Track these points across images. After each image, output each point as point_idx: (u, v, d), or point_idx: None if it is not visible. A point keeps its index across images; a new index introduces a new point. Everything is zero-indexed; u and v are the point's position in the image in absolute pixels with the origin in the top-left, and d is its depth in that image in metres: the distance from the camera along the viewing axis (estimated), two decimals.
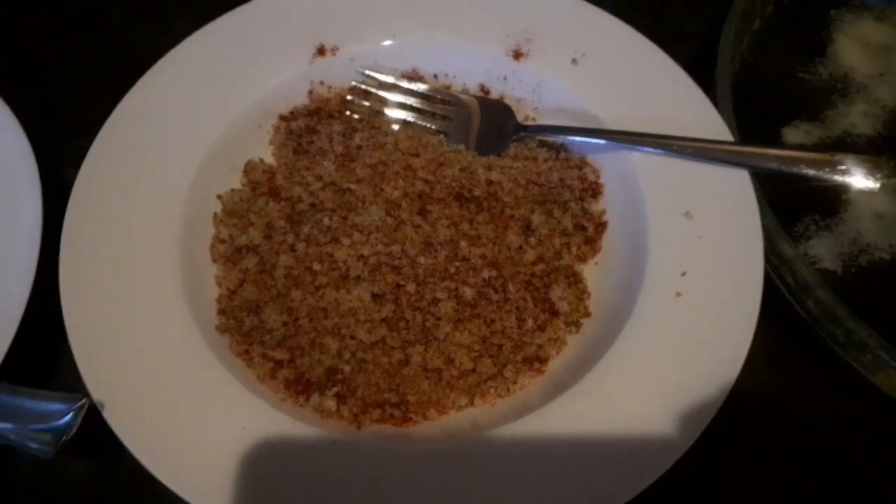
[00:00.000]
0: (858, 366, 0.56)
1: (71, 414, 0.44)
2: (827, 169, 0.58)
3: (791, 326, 0.59)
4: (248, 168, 0.63)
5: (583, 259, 0.61)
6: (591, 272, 0.61)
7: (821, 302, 0.56)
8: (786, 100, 0.72)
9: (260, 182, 0.62)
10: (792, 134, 0.70)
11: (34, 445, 0.44)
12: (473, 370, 0.55)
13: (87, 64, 0.76)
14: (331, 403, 0.52)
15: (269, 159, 0.65)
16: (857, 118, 0.71)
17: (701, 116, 0.61)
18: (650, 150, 0.60)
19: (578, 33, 0.65)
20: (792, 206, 0.64)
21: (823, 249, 0.63)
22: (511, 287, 0.57)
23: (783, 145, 0.66)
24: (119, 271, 0.54)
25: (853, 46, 0.76)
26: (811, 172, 0.58)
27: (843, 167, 0.59)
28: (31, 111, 0.62)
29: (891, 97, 0.73)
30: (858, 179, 0.59)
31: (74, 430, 0.44)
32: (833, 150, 0.68)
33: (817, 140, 0.70)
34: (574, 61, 0.65)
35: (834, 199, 0.65)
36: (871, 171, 0.60)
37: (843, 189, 0.63)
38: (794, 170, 0.58)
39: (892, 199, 0.66)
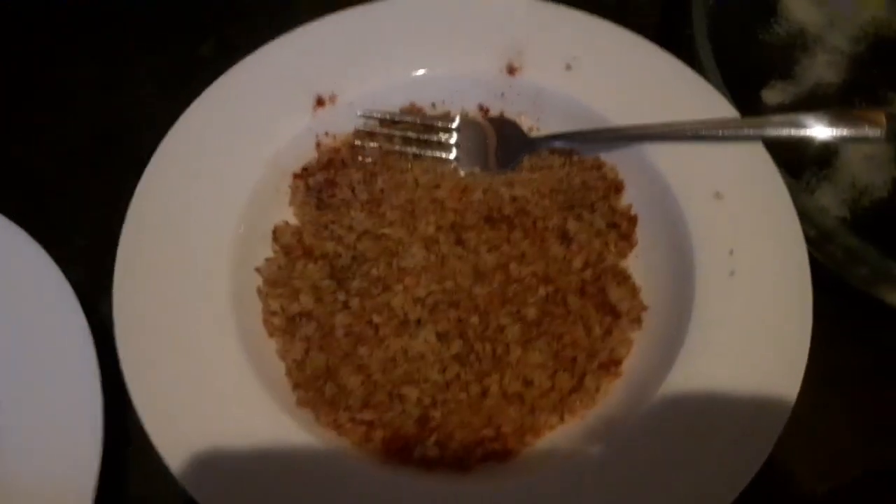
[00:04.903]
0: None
1: None
2: (827, 122, 0.61)
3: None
4: (277, 234, 0.62)
5: (623, 255, 0.62)
6: (633, 266, 0.62)
7: (846, 248, 0.59)
8: (755, 64, 0.76)
9: (292, 245, 0.61)
10: (771, 95, 0.73)
11: None
12: (553, 387, 0.56)
13: (58, 153, 0.72)
14: (434, 452, 0.52)
15: (293, 220, 0.63)
16: (822, 69, 0.75)
17: (701, 98, 0.63)
18: (661, 138, 0.62)
19: (567, 39, 0.66)
20: (792, 162, 0.68)
21: (828, 199, 0.67)
22: (570, 298, 0.58)
23: (785, 112, 0.69)
24: (185, 368, 0.52)
25: (799, 1, 0.81)
26: (818, 131, 0.61)
27: (842, 121, 0.61)
28: (31, 219, 0.59)
29: (845, 43, 0.77)
30: (859, 131, 0.61)
31: None
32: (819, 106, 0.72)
33: (793, 97, 0.73)
34: (568, 66, 0.66)
35: (826, 150, 0.69)
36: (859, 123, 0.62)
37: None
38: (803, 132, 0.61)
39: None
